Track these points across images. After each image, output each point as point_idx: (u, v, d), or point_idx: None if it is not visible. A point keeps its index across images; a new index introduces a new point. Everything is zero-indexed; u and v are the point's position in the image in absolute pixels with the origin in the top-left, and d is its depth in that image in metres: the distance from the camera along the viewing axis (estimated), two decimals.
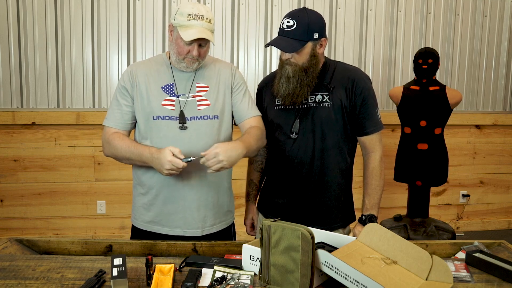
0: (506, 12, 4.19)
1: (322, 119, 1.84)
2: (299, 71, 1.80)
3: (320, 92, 1.86)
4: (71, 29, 3.62)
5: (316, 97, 1.86)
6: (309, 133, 1.87)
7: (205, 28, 1.71)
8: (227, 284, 1.42)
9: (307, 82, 1.82)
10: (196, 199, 1.83)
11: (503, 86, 4.28)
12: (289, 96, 1.83)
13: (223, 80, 1.88)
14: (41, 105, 3.65)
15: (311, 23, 1.77)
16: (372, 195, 1.90)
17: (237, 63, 3.85)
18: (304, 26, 1.76)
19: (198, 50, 1.75)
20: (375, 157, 1.90)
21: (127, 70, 1.86)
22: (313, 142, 1.87)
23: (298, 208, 1.92)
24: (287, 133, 1.89)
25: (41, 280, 1.44)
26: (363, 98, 1.86)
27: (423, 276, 1.41)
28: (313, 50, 1.81)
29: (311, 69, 1.82)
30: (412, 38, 4.07)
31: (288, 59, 1.81)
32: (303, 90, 1.82)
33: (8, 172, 3.68)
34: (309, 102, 1.86)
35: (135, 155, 1.76)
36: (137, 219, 1.91)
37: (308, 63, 1.81)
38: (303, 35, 1.76)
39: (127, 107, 1.84)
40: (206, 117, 1.82)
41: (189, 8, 1.71)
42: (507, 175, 4.43)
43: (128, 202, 3.78)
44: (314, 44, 1.80)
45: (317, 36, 1.79)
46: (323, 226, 1.84)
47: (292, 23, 1.77)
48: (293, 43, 1.77)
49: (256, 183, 2.12)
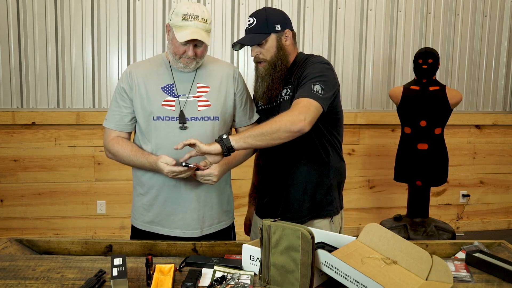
0: (506, 12, 4.19)
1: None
2: (269, 67, 1.85)
3: (286, 86, 1.89)
4: (71, 29, 3.62)
5: (283, 92, 1.89)
6: None
7: (200, 28, 1.71)
8: (227, 284, 1.42)
9: (278, 75, 1.86)
10: (196, 200, 1.83)
11: (503, 86, 4.28)
12: (265, 94, 1.88)
13: (224, 81, 1.88)
14: (41, 105, 3.65)
15: (269, 16, 1.85)
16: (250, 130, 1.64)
17: (237, 63, 3.85)
18: (262, 20, 1.84)
19: (194, 50, 1.75)
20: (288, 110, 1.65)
21: (126, 71, 1.86)
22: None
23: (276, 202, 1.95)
24: None
25: (41, 280, 1.44)
26: (303, 73, 1.79)
27: (423, 276, 1.41)
28: (279, 42, 1.85)
29: (280, 61, 1.85)
30: (412, 38, 4.07)
31: (257, 56, 1.86)
32: (275, 84, 1.86)
33: (8, 172, 3.68)
34: (279, 98, 1.90)
35: (137, 165, 1.82)
36: (136, 219, 1.91)
37: (276, 57, 1.85)
38: (263, 29, 1.84)
39: (126, 108, 1.84)
40: (206, 118, 1.82)
41: (184, 8, 1.71)
42: (507, 175, 4.43)
43: (128, 202, 3.77)
44: (277, 36, 1.85)
45: (280, 28, 1.85)
46: (293, 216, 1.88)
47: (252, 20, 1.86)
48: (255, 37, 1.84)
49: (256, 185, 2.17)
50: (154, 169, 1.75)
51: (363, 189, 4.11)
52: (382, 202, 4.19)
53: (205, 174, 1.72)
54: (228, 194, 1.98)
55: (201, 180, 1.75)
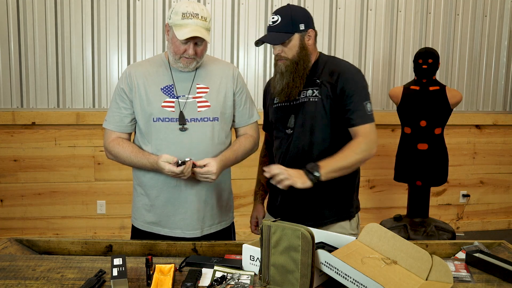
0: (506, 12, 4.19)
1: (311, 113, 1.85)
2: (290, 65, 1.83)
3: (311, 87, 1.88)
4: (71, 29, 3.62)
5: (307, 92, 1.88)
6: (300, 128, 1.87)
7: (200, 26, 1.71)
8: (227, 284, 1.42)
9: (299, 74, 1.84)
10: (196, 200, 1.83)
11: (503, 86, 4.28)
12: (283, 91, 1.86)
13: (224, 81, 1.88)
14: (41, 105, 3.65)
15: (295, 15, 1.83)
16: (335, 159, 1.74)
17: (237, 63, 3.85)
18: (287, 19, 1.82)
19: (194, 48, 1.75)
20: (362, 140, 1.79)
21: (125, 72, 1.85)
22: (304, 137, 1.87)
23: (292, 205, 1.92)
24: (283, 129, 1.91)
25: (41, 280, 1.44)
26: (348, 90, 1.82)
27: (423, 276, 1.41)
28: (301, 41, 1.84)
29: (302, 61, 1.84)
30: (412, 38, 4.07)
31: (279, 54, 1.85)
32: (296, 83, 1.84)
33: (8, 172, 3.68)
34: (301, 97, 1.89)
35: (137, 165, 1.82)
36: (137, 220, 1.91)
37: (298, 56, 1.83)
38: (288, 27, 1.81)
39: (126, 109, 1.83)
40: (206, 119, 1.81)
41: (183, 7, 1.71)
42: (507, 175, 4.43)
43: (128, 202, 3.77)
44: (301, 35, 1.83)
45: (303, 28, 1.83)
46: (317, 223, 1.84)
47: (276, 18, 1.83)
48: (279, 36, 1.82)
49: (263, 183, 2.12)
50: (155, 169, 1.75)
51: (363, 189, 4.11)
52: (382, 202, 4.19)
53: (203, 172, 1.72)
54: (228, 193, 1.98)
55: (200, 178, 1.75)
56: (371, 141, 1.80)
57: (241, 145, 1.91)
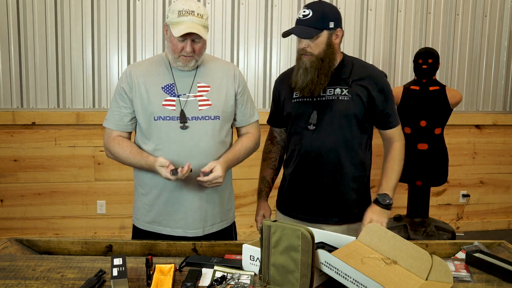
0: (506, 12, 4.19)
1: (341, 112, 1.87)
2: (316, 61, 1.83)
3: (339, 85, 1.89)
4: (71, 29, 3.62)
5: (335, 90, 1.89)
6: (327, 125, 1.88)
7: (196, 23, 1.70)
8: (227, 284, 1.42)
9: (324, 71, 1.84)
10: (197, 200, 1.83)
11: (503, 86, 4.28)
12: (307, 87, 1.85)
13: (225, 80, 1.88)
14: (41, 105, 3.65)
15: (326, 12, 1.83)
16: (390, 178, 1.93)
17: (237, 63, 3.85)
18: (319, 14, 1.82)
19: (192, 46, 1.75)
20: (399, 145, 1.97)
21: (126, 71, 1.85)
22: (332, 134, 1.88)
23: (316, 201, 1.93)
24: (304, 124, 1.91)
25: (41, 280, 1.44)
26: (385, 95, 1.91)
27: (423, 276, 1.41)
28: (329, 39, 1.84)
29: (328, 58, 1.85)
30: (412, 38, 4.07)
31: (304, 48, 1.84)
32: (320, 79, 1.84)
33: (8, 172, 3.68)
34: (327, 94, 1.89)
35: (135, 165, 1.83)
36: (138, 219, 1.91)
37: (324, 53, 1.84)
38: (318, 23, 1.81)
39: (126, 109, 1.83)
40: (207, 118, 1.81)
41: (179, 5, 1.72)
42: (507, 175, 4.43)
43: (128, 202, 3.79)
44: (329, 33, 1.84)
45: (333, 26, 1.84)
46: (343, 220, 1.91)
47: (308, 12, 1.83)
48: (309, 30, 1.81)
49: (268, 180, 2.11)
50: (152, 171, 1.76)
51: None
52: None
53: (211, 178, 1.72)
54: (230, 192, 1.98)
55: (209, 186, 1.75)
56: (404, 141, 1.99)
57: (243, 145, 1.91)
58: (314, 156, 1.90)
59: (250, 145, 1.94)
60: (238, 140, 1.95)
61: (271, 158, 2.11)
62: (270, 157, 2.11)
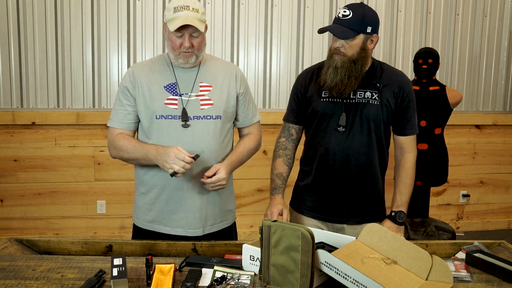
0: (506, 12, 4.19)
1: (371, 115, 1.88)
2: (347, 62, 1.82)
3: (370, 89, 1.90)
4: (71, 29, 3.62)
5: (365, 94, 1.89)
6: (357, 128, 1.89)
7: (192, 17, 1.71)
8: (227, 284, 1.42)
9: (355, 74, 1.84)
10: (198, 199, 1.83)
11: (503, 86, 4.28)
12: (337, 87, 1.85)
13: (227, 80, 1.88)
14: (41, 105, 3.65)
15: (366, 16, 1.83)
16: (404, 193, 1.95)
17: (237, 63, 3.85)
18: (359, 16, 1.81)
19: (190, 41, 1.75)
20: (411, 157, 1.98)
21: (129, 71, 1.87)
22: (360, 137, 1.90)
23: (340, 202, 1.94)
24: (334, 126, 1.91)
25: (41, 280, 1.44)
26: (408, 101, 1.94)
27: (423, 276, 1.41)
28: (364, 43, 1.84)
29: (360, 61, 1.84)
30: (412, 38, 4.07)
31: (338, 48, 1.84)
32: (351, 81, 1.84)
33: (8, 172, 3.68)
34: (357, 97, 1.89)
35: (141, 154, 1.77)
36: (138, 218, 1.91)
37: (357, 55, 1.83)
38: (356, 25, 1.81)
39: (129, 107, 1.84)
40: (209, 117, 1.82)
41: (175, 2, 1.73)
42: (507, 175, 4.43)
43: (128, 202, 3.78)
44: (365, 37, 1.84)
45: (370, 31, 1.83)
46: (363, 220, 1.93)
47: (348, 12, 1.83)
48: (346, 31, 1.81)
49: (285, 177, 2.02)
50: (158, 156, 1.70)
51: None
52: None
53: (215, 180, 1.73)
54: (230, 193, 1.98)
55: (213, 188, 1.76)
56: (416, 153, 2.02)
57: (246, 147, 1.92)
58: (341, 158, 1.90)
59: (253, 146, 1.95)
60: (241, 141, 1.96)
61: (288, 155, 2.03)
62: (286, 154, 2.02)
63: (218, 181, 1.74)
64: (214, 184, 1.75)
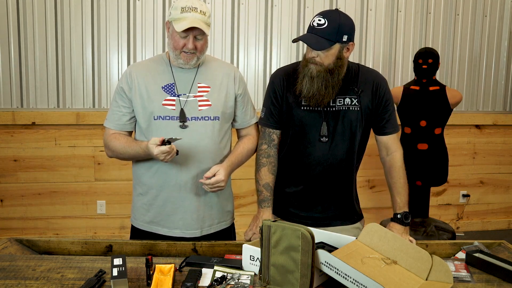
0: (506, 12, 4.19)
1: (352, 122, 1.87)
2: (323, 72, 1.78)
3: (348, 95, 1.87)
4: (71, 29, 3.62)
5: (345, 100, 1.87)
6: (339, 136, 1.87)
7: (199, 19, 1.71)
8: (227, 284, 1.42)
9: (332, 83, 1.80)
10: (196, 200, 1.83)
11: (503, 86, 4.28)
12: (314, 97, 1.81)
13: (225, 81, 1.88)
14: (41, 105, 3.65)
15: (342, 24, 1.76)
16: (402, 193, 1.92)
17: (237, 63, 3.85)
18: (335, 26, 1.75)
19: (194, 42, 1.74)
20: (399, 156, 1.95)
21: (126, 71, 1.86)
22: (343, 145, 1.88)
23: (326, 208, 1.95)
24: (316, 136, 1.87)
25: (41, 280, 1.44)
26: (386, 100, 1.91)
27: (423, 276, 1.41)
28: (340, 52, 1.79)
29: (336, 71, 1.80)
30: (412, 38, 4.07)
31: (314, 58, 1.78)
32: (328, 91, 1.80)
33: (8, 172, 3.68)
34: (337, 105, 1.86)
35: (132, 155, 1.81)
36: (136, 219, 1.91)
37: (333, 65, 1.79)
38: (332, 35, 1.75)
39: (125, 108, 1.84)
40: (207, 118, 1.82)
41: (183, 2, 1.72)
42: (507, 175, 4.43)
43: (128, 202, 3.77)
44: (341, 46, 1.78)
45: (346, 39, 1.78)
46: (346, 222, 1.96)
47: (323, 21, 1.76)
48: (322, 41, 1.75)
49: (272, 187, 1.94)
50: (148, 155, 1.71)
51: (363, 189, 4.11)
52: (382, 202, 4.19)
53: (214, 181, 1.74)
54: (229, 194, 1.97)
55: (211, 189, 1.76)
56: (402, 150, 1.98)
57: (245, 148, 1.92)
58: (325, 166, 1.89)
59: (252, 147, 1.95)
60: (240, 142, 1.96)
61: (272, 162, 1.94)
62: (270, 162, 1.94)
63: (217, 182, 1.74)
64: (213, 185, 1.75)
